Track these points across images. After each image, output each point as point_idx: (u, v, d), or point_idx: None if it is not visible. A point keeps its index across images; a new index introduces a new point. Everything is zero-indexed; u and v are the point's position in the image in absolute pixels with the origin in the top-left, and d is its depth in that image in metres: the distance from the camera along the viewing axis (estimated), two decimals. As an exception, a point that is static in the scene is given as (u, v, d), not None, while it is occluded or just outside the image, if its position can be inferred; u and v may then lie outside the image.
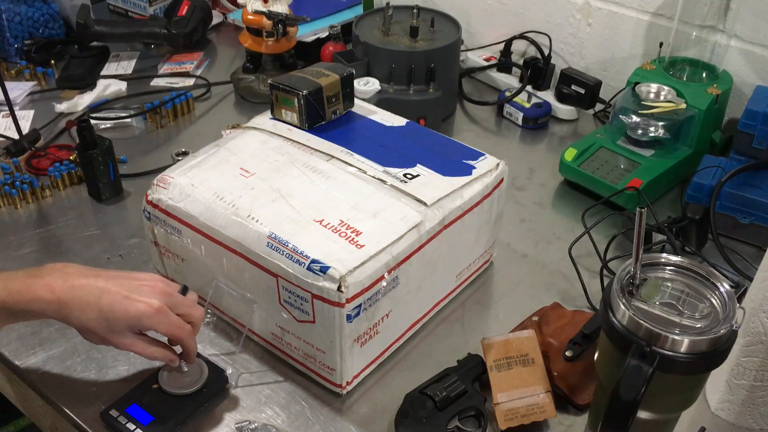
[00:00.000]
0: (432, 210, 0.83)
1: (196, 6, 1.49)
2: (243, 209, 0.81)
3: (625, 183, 1.09)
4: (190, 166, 0.89)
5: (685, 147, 1.15)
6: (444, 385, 0.80)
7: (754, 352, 0.75)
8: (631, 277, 0.65)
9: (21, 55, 1.44)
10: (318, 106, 0.95)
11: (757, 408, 0.79)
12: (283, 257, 0.76)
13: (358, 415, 0.81)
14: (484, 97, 1.38)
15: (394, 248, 0.78)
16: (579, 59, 1.38)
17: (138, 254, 1.00)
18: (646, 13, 1.27)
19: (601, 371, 0.69)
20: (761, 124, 1.02)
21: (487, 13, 1.46)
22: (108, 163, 1.08)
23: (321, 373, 0.82)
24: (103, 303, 0.71)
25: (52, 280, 0.71)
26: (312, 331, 0.79)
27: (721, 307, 0.63)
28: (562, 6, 1.36)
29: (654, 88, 1.15)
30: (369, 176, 0.87)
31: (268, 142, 0.93)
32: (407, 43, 1.25)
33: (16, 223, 1.06)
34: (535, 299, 0.95)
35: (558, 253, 1.03)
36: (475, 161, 0.92)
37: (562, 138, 1.30)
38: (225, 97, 1.38)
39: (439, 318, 0.93)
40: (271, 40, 1.33)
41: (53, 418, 0.88)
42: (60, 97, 1.34)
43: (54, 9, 1.48)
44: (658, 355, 0.60)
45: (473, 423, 0.79)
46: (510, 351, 0.81)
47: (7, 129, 1.21)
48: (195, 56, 1.48)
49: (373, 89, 1.19)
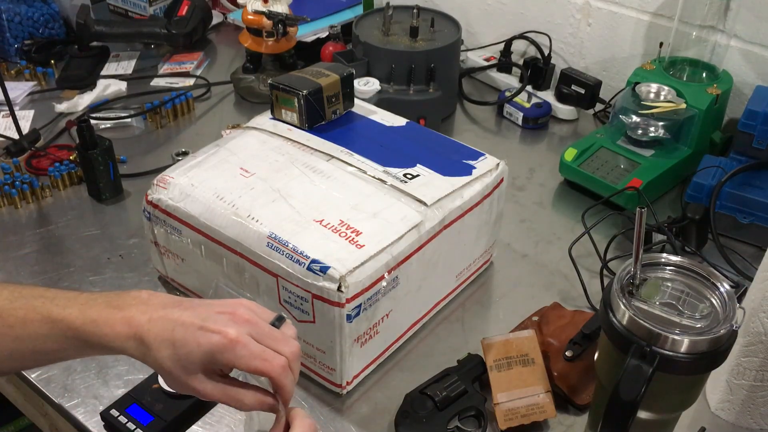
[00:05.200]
0: (432, 210, 0.83)
1: (196, 6, 1.49)
2: (243, 209, 0.81)
3: (625, 183, 1.09)
4: (190, 166, 0.89)
5: (685, 147, 1.15)
6: (444, 385, 0.80)
7: (754, 352, 0.75)
8: (631, 277, 0.65)
9: (21, 55, 1.44)
10: (318, 106, 0.95)
11: (757, 408, 0.79)
12: (283, 257, 0.76)
13: (358, 415, 0.81)
14: (484, 97, 1.38)
15: (394, 248, 0.78)
16: (579, 59, 1.38)
17: (138, 254, 1.00)
18: (646, 13, 1.27)
19: (601, 371, 0.69)
20: (761, 124, 1.02)
21: (487, 13, 1.46)
22: (108, 163, 1.08)
23: (321, 373, 0.82)
24: (177, 336, 0.59)
25: (132, 313, 0.60)
26: (312, 331, 0.79)
27: (721, 307, 0.63)
28: (562, 6, 1.36)
29: (654, 88, 1.15)
30: (369, 176, 0.87)
31: (268, 142, 0.93)
32: (407, 43, 1.25)
33: (16, 223, 1.06)
34: (535, 299, 0.95)
35: (558, 253, 1.03)
36: (475, 161, 0.92)
37: (562, 138, 1.30)
38: (225, 97, 1.38)
39: (439, 318, 0.93)
40: (271, 40, 1.33)
41: (53, 418, 0.88)
42: (60, 97, 1.34)
43: (54, 9, 1.48)
44: (658, 355, 0.60)
45: (473, 423, 0.79)
46: (510, 351, 0.81)
47: (7, 129, 1.21)
48: (195, 56, 1.48)
49: (373, 89, 1.19)
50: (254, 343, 0.59)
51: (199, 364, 0.59)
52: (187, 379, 0.60)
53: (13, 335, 0.61)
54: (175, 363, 0.59)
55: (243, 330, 0.59)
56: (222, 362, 0.59)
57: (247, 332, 0.60)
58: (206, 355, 0.59)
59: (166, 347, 0.59)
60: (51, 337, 0.61)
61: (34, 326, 0.61)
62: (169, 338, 0.59)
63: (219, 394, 0.61)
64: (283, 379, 0.60)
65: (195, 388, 0.60)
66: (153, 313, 0.60)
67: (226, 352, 0.58)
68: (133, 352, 0.60)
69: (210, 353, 0.59)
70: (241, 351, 0.59)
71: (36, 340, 0.61)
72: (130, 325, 0.60)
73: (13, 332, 0.61)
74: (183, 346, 0.59)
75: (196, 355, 0.59)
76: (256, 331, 0.60)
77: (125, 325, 0.60)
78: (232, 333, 0.59)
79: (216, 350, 0.58)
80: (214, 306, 0.62)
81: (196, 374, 0.60)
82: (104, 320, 0.60)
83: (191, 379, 0.60)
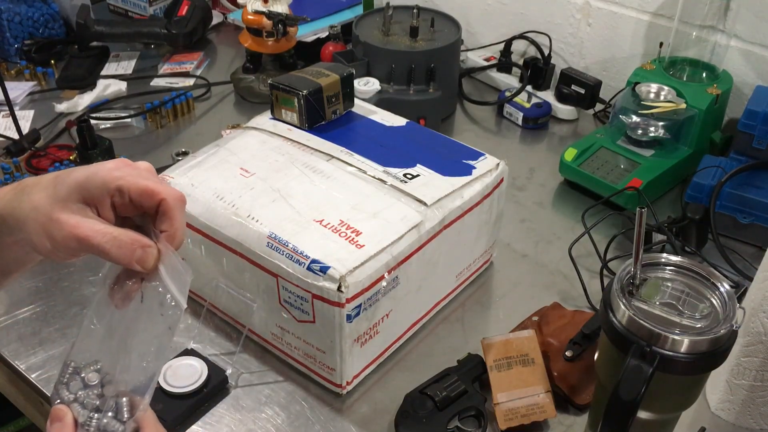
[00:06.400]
0: (432, 210, 0.83)
1: (196, 6, 1.49)
2: (243, 209, 0.81)
3: (625, 183, 1.09)
4: (190, 166, 0.89)
5: (685, 147, 1.15)
6: (444, 385, 0.80)
7: (754, 352, 0.75)
8: (631, 277, 0.65)
9: (21, 55, 1.44)
10: (318, 106, 0.95)
11: (757, 408, 0.79)
12: (283, 257, 0.76)
13: (358, 415, 0.81)
14: (484, 97, 1.38)
15: (394, 248, 0.78)
16: (579, 59, 1.38)
17: (138, 254, 1.00)
18: (646, 13, 1.27)
19: (601, 371, 0.69)
20: (761, 124, 1.02)
21: (487, 13, 1.46)
22: (108, 163, 1.08)
23: (321, 373, 0.82)
24: (60, 173, 0.53)
25: None
26: (312, 331, 0.79)
27: (721, 307, 0.63)
28: (562, 6, 1.36)
29: (654, 88, 1.15)
30: (369, 176, 0.87)
31: (268, 142, 0.93)
32: (407, 43, 1.25)
33: (16, 223, 1.06)
34: (535, 299, 0.95)
35: (558, 253, 1.03)
36: (475, 161, 0.92)
37: (562, 138, 1.30)
38: (225, 97, 1.38)
39: (439, 318, 0.93)
40: (271, 40, 1.33)
41: (53, 418, 0.88)
42: (60, 97, 1.34)
43: (54, 9, 1.48)
44: (658, 355, 0.60)
45: (473, 423, 0.79)
46: (510, 351, 0.81)
47: (7, 129, 1.21)
48: (195, 56, 1.48)
49: (373, 89, 1.19)
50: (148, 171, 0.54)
51: (74, 190, 0.52)
52: (55, 212, 0.51)
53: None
54: (47, 195, 0.52)
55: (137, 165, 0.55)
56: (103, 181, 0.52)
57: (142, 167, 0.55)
58: (85, 177, 0.52)
59: (44, 185, 0.53)
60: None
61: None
62: (51, 176, 0.53)
63: (89, 229, 0.51)
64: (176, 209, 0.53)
65: (63, 222, 0.51)
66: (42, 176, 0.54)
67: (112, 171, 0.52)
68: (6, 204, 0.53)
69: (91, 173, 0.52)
70: (128, 170, 0.53)
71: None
72: (20, 183, 0.54)
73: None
74: (64, 176, 0.53)
75: (73, 178, 0.52)
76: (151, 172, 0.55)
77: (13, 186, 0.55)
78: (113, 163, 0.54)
79: (98, 169, 0.52)
80: None
81: (68, 204, 0.52)
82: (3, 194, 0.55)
83: (59, 210, 0.51)
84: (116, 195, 0.53)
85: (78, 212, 0.52)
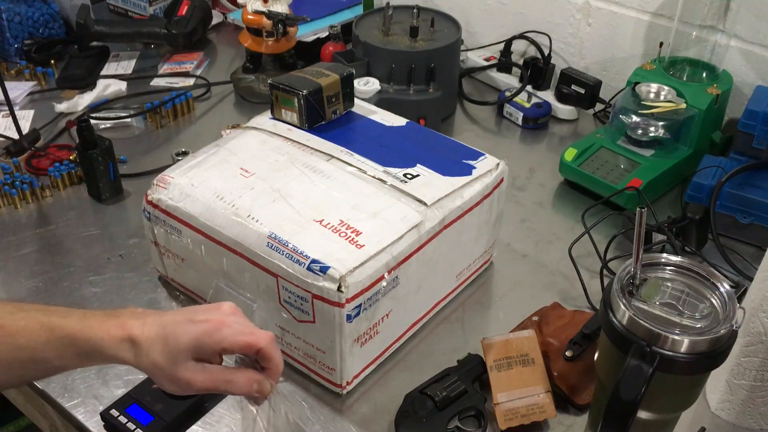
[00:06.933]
0: (432, 210, 0.83)
1: (196, 6, 1.49)
2: (243, 209, 0.81)
3: (625, 183, 1.09)
4: (190, 166, 0.89)
5: (685, 147, 1.15)
6: (444, 385, 0.80)
7: (754, 352, 0.75)
8: (631, 277, 0.65)
9: (21, 55, 1.44)
10: (318, 106, 0.95)
11: (757, 408, 0.79)
12: (283, 257, 0.76)
13: (358, 415, 0.81)
14: (484, 97, 1.38)
15: (394, 248, 0.78)
16: (579, 59, 1.38)
17: (138, 254, 1.00)
18: (646, 13, 1.27)
19: (601, 371, 0.69)
20: (761, 124, 1.02)
21: (487, 13, 1.46)
22: (108, 163, 1.08)
23: (321, 373, 0.82)
24: (167, 332, 0.62)
25: (126, 319, 0.63)
26: (312, 331, 0.79)
27: (721, 307, 0.63)
28: (562, 6, 1.36)
29: (654, 88, 1.15)
30: (369, 176, 0.87)
31: (268, 142, 0.93)
32: (407, 43, 1.25)
33: (16, 223, 1.06)
34: (535, 299, 0.95)
35: (558, 253, 1.03)
36: (475, 161, 0.92)
37: (562, 138, 1.30)
38: (225, 97, 1.38)
39: (439, 318, 0.93)
40: (271, 40, 1.33)
41: (53, 418, 0.88)
42: (60, 97, 1.34)
43: (54, 9, 1.48)
44: (658, 355, 0.60)
45: (473, 423, 0.79)
46: (510, 351, 0.81)
47: (7, 129, 1.21)
48: (195, 56, 1.48)
49: (373, 89, 1.19)
50: (239, 322, 0.64)
51: (188, 353, 0.62)
52: (177, 371, 0.62)
53: (14, 344, 0.62)
54: (165, 357, 0.61)
55: (227, 314, 0.64)
56: (210, 346, 0.62)
57: (231, 315, 0.65)
58: (194, 341, 0.62)
59: (157, 344, 0.61)
60: (50, 344, 0.62)
61: (34, 334, 0.62)
62: (161, 335, 0.62)
63: (210, 380, 0.63)
64: (272, 350, 0.64)
65: (186, 379, 0.62)
66: (146, 318, 0.63)
67: (214, 334, 0.62)
68: (125, 355, 0.62)
69: (198, 338, 0.62)
70: (227, 330, 0.63)
71: (35, 349, 0.62)
72: (124, 329, 0.62)
73: (14, 341, 0.62)
74: (173, 338, 0.62)
75: (184, 343, 0.61)
76: (238, 318, 0.65)
77: (119, 329, 0.62)
78: (217, 316, 0.64)
79: (203, 334, 0.62)
80: (200, 306, 0.67)
81: (186, 364, 0.62)
82: (99, 325, 0.63)
83: (181, 370, 0.62)
84: (222, 352, 0.64)
85: (194, 369, 0.62)
